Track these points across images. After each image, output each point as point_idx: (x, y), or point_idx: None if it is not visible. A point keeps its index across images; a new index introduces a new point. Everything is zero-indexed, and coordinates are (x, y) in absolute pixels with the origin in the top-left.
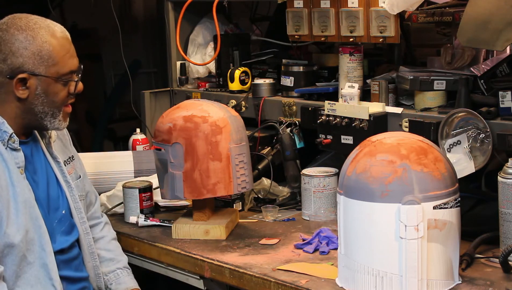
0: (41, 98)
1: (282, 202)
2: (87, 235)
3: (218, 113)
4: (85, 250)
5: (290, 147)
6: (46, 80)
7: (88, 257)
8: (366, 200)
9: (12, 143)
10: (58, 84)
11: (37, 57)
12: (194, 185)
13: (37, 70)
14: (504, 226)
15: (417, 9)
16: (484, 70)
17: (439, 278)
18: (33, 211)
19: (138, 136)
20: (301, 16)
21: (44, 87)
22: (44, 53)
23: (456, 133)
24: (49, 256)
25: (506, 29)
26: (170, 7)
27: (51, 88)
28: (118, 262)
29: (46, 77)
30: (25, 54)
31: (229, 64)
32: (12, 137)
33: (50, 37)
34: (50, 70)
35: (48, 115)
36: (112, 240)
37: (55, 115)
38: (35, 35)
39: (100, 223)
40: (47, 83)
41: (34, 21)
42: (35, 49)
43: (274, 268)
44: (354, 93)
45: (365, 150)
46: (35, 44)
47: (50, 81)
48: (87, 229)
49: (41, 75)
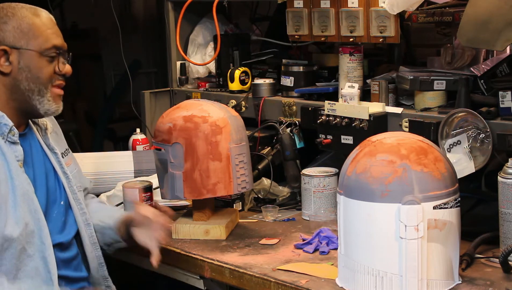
0: (25, 72)
1: (282, 202)
2: (88, 226)
3: (218, 113)
4: (86, 241)
5: (290, 147)
6: (28, 54)
7: (90, 248)
8: (366, 200)
9: (12, 136)
10: (42, 59)
11: (17, 31)
12: (194, 185)
13: (18, 44)
14: (504, 226)
15: (417, 9)
16: (484, 70)
17: (439, 278)
18: (32, 204)
19: (138, 136)
20: (301, 16)
21: (27, 62)
22: (24, 26)
23: (456, 133)
24: (48, 249)
25: (506, 29)
26: (170, 7)
27: (34, 63)
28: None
29: (28, 50)
30: (5, 28)
31: (229, 64)
32: (12, 130)
33: (31, 14)
34: (31, 43)
35: (35, 93)
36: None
37: (42, 92)
38: (15, 12)
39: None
40: (30, 56)
41: (19, 5)
42: (15, 24)
43: (274, 268)
44: (354, 93)
45: (365, 150)
46: (14, 19)
47: (33, 54)
48: (87, 221)
49: (22, 48)
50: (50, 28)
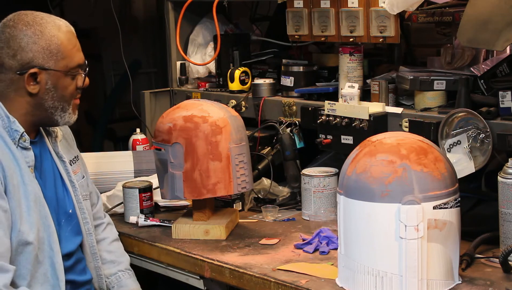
0: (51, 92)
1: (282, 202)
2: (90, 235)
3: (218, 113)
4: (87, 251)
5: (290, 147)
6: (55, 74)
7: (90, 258)
8: (366, 200)
9: (23, 142)
10: (67, 78)
11: (47, 52)
12: (194, 185)
13: (47, 65)
14: (504, 226)
15: (417, 9)
16: (484, 70)
17: (439, 278)
18: (43, 210)
19: (138, 136)
20: (301, 16)
21: (54, 82)
22: (53, 47)
23: (456, 133)
24: (57, 255)
25: (506, 29)
26: (170, 7)
27: (61, 82)
28: (119, 264)
29: (56, 71)
30: (35, 48)
31: (229, 64)
32: (23, 136)
33: (57, 32)
34: (59, 64)
35: (58, 110)
36: (113, 242)
37: (65, 109)
38: (43, 29)
39: (103, 223)
40: (57, 77)
41: (40, 17)
42: (44, 44)
43: (274, 268)
44: (354, 93)
45: (365, 150)
46: (43, 38)
47: (60, 75)
48: (89, 230)
49: (51, 69)
50: (74, 46)
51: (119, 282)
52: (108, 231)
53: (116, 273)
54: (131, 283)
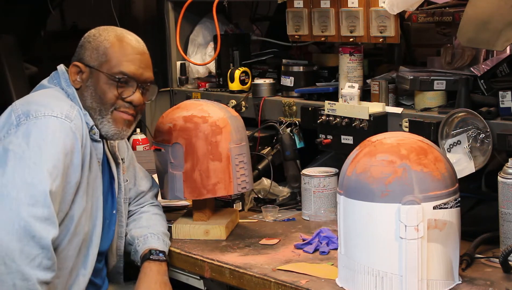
0: (90, 90)
1: (282, 202)
2: (120, 239)
3: (218, 113)
4: (113, 251)
5: (290, 147)
6: (97, 74)
7: (114, 258)
8: (366, 200)
9: (93, 135)
10: (108, 83)
11: (94, 52)
12: (194, 185)
13: (92, 63)
14: (504, 226)
15: (417, 9)
16: (484, 70)
17: (439, 278)
18: (97, 202)
19: (138, 136)
20: (301, 16)
21: (95, 81)
22: (101, 49)
23: (456, 133)
24: (95, 248)
25: (506, 29)
26: (170, 7)
27: (101, 84)
28: (150, 228)
29: (98, 71)
30: (87, 47)
31: (229, 64)
32: (92, 129)
33: (113, 38)
34: (103, 65)
35: (96, 112)
36: (155, 215)
37: (103, 113)
38: (101, 33)
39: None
40: (98, 77)
41: (115, 28)
42: (94, 45)
43: (274, 268)
44: (354, 93)
45: (365, 150)
46: (97, 40)
47: (101, 76)
48: (122, 233)
49: (93, 68)
50: (127, 55)
51: (145, 241)
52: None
53: (145, 235)
54: (155, 241)
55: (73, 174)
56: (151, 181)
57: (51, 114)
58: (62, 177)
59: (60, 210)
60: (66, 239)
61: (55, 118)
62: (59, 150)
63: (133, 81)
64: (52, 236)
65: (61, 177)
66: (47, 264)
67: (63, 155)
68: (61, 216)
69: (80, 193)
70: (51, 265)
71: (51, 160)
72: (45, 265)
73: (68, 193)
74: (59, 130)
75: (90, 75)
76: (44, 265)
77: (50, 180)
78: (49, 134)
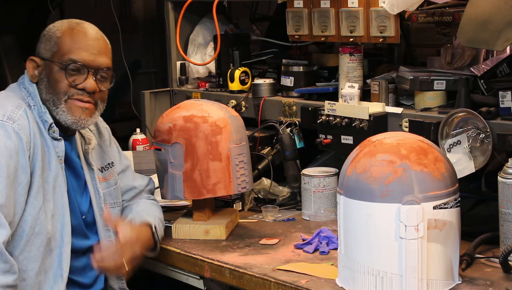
0: (44, 82)
1: (282, 202)
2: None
3: (218, 113)
4: None
5: (290, 147)
6: (50, 65)
7: None
8: (366, 200)
9: (53, 133)
10: (60, 72)
11: (48, 43)
12: (194, 185)
13: (46, 55)
14: (504, 226)
15: (417, 9)
16: (484, 70)
17: (439, 278)
18: (61, 199)
19: (138, 136)
20: (301, 16)
21: (48, 73)
22: (53, 39)
23: (456, 133)
24: (66, 246)
25: (506, 29)
26: (170, 7)
27: (53, 74)
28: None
29: (50, 62)
30: (42, 40)
31: (229, 64)
32: (52, 127)
33: (65, 27)
34: (54, 56)
35: (51, 103)
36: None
37: (56, 103)
38: (56, 25)
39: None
40: (51, 68)
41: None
42: (48, 36)
43: (274, 268)
44: (354, 93)
45: (365, 150)
46: (50, 32)
47: (53, 66)
48: (110, 237)
49: (47, 60)
50: (78, 42)
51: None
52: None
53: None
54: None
55: (22, 174)
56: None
57: None
58: (7, 179)
59: (16, 212)
60: (23, 240)
61: None
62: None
63: (84, 68)
64: (2, 239)
65: (5, 180)
66: (4, 268)
67: (5, 158)
68: (17, 218)
69: (32, 193)
70: (10, 268)
71: None
72: (2, 268)
73: (21, 194)
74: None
75: (44, 67)
76: (1, 269)
77: None
78: None
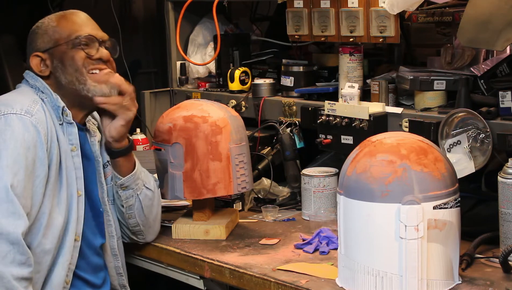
0: (59, 67)
1: (282, 202)
2: (112, 238)
3: (218, 113)
4: (108, 251)
5: (290, 147)
6: (57, 50)
7: (110, 258)
8: (366, 200)
9: (66, 117)
10: (71, 51)
11: (45, 35)
12: (194, 185)
13: (48, 46)
14: (504, 226)
15: (417, 9)
16: (484, 70)
17: (439, 278)
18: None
19: (138, 136)
20: (301, 16)
21: (58, 57)
22: (49, 30)
23: (456, 133)
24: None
25: (506, 29)
26: (170, 7)
27: (64, 56)
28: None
29: (56, 47)
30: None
31: (229, 64)
32: (65, 111)
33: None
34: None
35: (75, 83)
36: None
37: (81, 80)
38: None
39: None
40: (59, 52)
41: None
42: (42, 31)
43: (274, 268)
44: (354, 93)
45: (365, 150)
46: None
47: (61, 49)
48: (112, 233)
49: (51, 48)
50: (76, 23)
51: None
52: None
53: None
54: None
55: (40, 167)
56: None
57: (10, 112)
58: (25, 171)
59: (33, 204)
60: (41, 233)
61: (14, 115)
62: (18, 145)
63: (94, 39)
64: (21, 230)
65: (24, 171)
66: (20, 260)
67: (24, 150)
68: (35, 210)
69: (50, 186)
70: (26, 260)
71: (11, 155)
72: (19, 260)
73: (38, 187)
74: (18, 126)
75: (52, 56)
76: (18, 261)
77: (11, 175)
78: (7, 131)
